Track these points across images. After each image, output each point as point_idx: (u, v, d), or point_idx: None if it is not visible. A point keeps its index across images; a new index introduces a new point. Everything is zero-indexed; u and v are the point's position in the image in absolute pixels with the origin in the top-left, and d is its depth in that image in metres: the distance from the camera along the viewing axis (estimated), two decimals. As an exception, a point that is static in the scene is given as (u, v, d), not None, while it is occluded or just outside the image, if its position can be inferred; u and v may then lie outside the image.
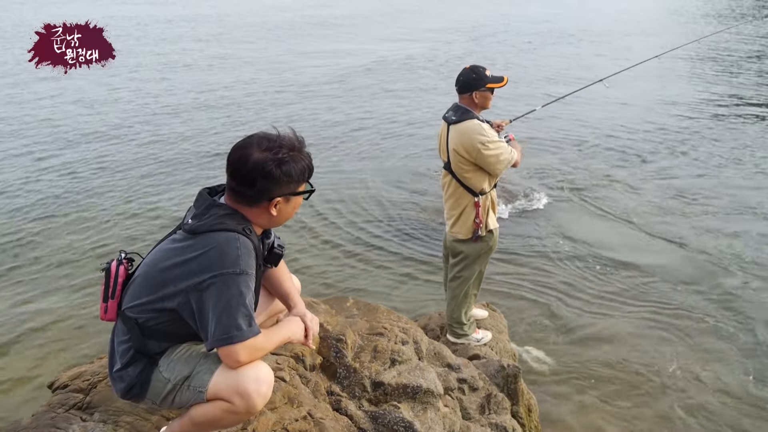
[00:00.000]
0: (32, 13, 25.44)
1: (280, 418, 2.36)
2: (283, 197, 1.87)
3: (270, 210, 1.88)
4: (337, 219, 6.77)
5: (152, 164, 8.41)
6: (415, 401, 2.78)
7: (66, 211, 6.86)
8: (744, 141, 9.43)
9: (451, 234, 3.71)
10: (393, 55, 16.92)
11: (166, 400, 1.89)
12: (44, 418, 2.33)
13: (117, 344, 1.90)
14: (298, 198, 1.92)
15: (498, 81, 3.44)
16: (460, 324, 3.92)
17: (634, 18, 25.07)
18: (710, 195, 7.40)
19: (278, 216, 1.91)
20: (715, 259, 5.90)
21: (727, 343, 4.67)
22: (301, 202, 1.96)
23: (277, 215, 1.90)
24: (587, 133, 9.86)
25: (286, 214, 1.93)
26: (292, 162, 1.84)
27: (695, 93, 12.49)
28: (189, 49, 17.68)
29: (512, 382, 3.38)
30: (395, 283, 5.52)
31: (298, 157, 1.86)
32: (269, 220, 1.91)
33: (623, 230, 6.54)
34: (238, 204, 1.87)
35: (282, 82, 13.58)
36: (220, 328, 1.71)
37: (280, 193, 1.85)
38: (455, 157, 3.46)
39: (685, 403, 4.08)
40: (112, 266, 1.95)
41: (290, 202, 1.91)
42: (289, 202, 1.90)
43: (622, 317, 4.98)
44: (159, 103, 11.67)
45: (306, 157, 1.89)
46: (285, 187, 1.85)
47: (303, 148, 1.90)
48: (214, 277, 1.73)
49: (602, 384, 4.24)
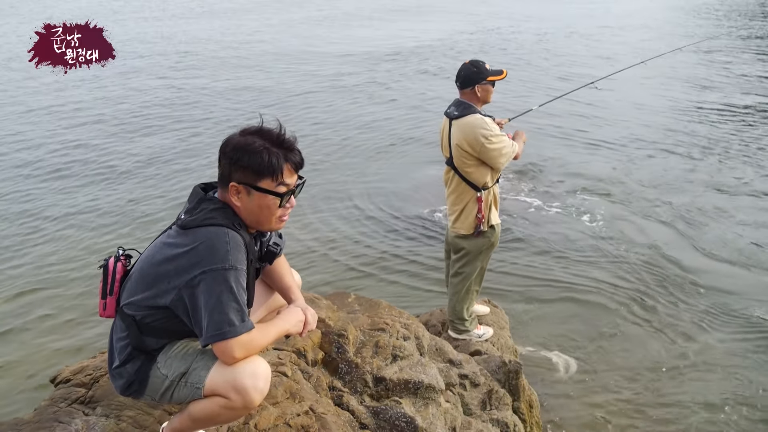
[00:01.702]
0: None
1: (282, 413, 2.37)
2: (241, 185, 1.80)
3: (232, 196, 1.82)
4: (337, 215, 6.77)
5: (151, 160, 8.41)
6: (416, 397, 2.78)
7: (65, 207, 6.89)
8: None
9: (453, 230, 3.71)
10: (391, 48, 16.86)
11: (165, 397, 1.89)
12: (47, 412, 2.35)
13: (116, 341, 1.91)
14: (264, 197, 1.81)
15: (498, 74, 3.44)
16: (461, 320, 3.92)
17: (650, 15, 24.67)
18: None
19: (243, 207, 1.83)
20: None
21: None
22: (272, 203, 1.83)
23: (242, 206, 1.83)
24: (591, 129, 9.82)
25: (250, 209, 1.83)
26: (258, 152, 1.76)
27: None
28: (192, 44, 17.69)
29: (513, 378, 3.38)
30: (396, 279, 5.51)
31: (270, 151, 1.78)
32: (237, 209, 1.85)
33: (628, 227, 6.51)
34: (220, 189, 1.87)
35: (282, 78, 13.57)
36: (212, 325, 1.71)
37: (237, 179, 1.80)
38: (458, 152, 3.46)
39: (684, 398, 4.07)
40: (110, 263, 1.95)
41: (253, 197, 1.82)
42: (251, 196, 1.82)
43: (626, 316, 4.95)
44: (160, 98, 11.70)
45: (276, 156, 1.78)
46: (240, 174, 1.79)
47: (286, 146, 1.82)
48: (204, 273, 1.72)
49: (604, 381, 4.23)
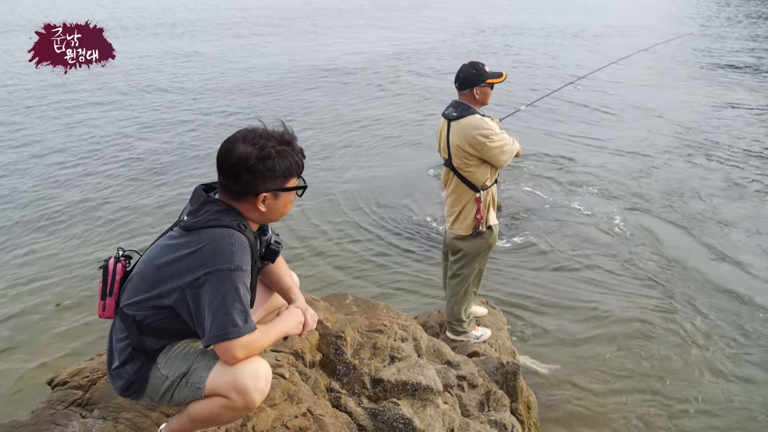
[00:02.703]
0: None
1: (279, 415, 2.37)
2: (270, 192, 1.83)
3: (257, 205, 1.84)
4: (335, 217, 6.76)
5: (150, 161, 8.41)
6: (414, 398, 2.78)
7: (64, 207, 6.86)
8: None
9: (452, 231, 3.71)
10: (396, 49, 16.89)
11: (165, 397, 1.89)
12: (44, 414, 2.34)
13: (115, 342, 1.91)
14: (289, 194, 1.88)
15: (497, 76, 3.43)
16: (459, 321, 3.92)
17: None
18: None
19: (268, 212, 1.87)
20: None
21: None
22: (294, 198, 1.91)
23: (267, 211, 1.86)
24: (588, 129, 9.87)
25: (277, 210, 1.89)
26: (278, 157, 1.80)
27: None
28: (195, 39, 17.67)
29: (511, 379, 3.38)
30: (394, 281, 5.51)
31: (285, 151, 1.82)
32: (260, 215, 1.88)
33: (626, 228, 6.53)
34: (228, 199, 1.85)
35: (280, 74, 13.57)
36: (216, 325, 1.71)
37: (265, 188, 1.82)
38: (459, 152, 3.44)
39: (685, 402, 4.08)
40: (110, 264, 1.95)
41: (279, 198, 1.87)
42: (278, 198, 1.86)
43: (624, 318, 4.96)
44: (158, 97, 11.67)
45: (295, 153, 1.84)
46: (270, 182, 1.81)
47: (293, 143, 1.85)
48: (209, 273, 1.72)
49: (602, 382, 4.23)
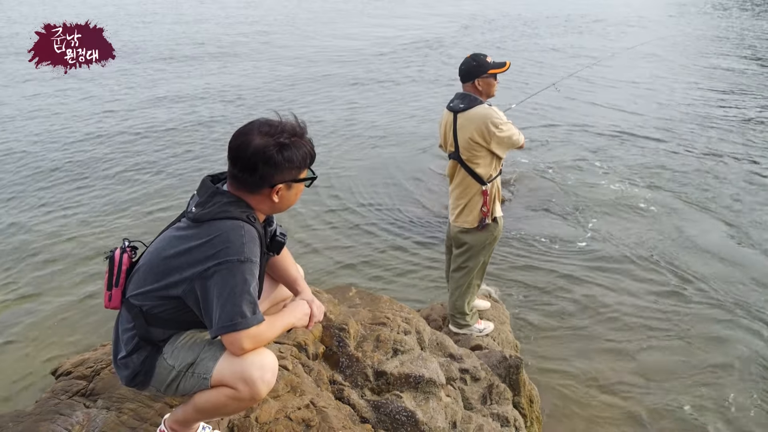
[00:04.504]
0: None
1: (283, 407, 2.37)
2: (285, 184, 1.85)
3: (272, 197, 1.86)
4: (339, 210, 6.76)
5: (155, 152, 8.39)
6: (417, 391, 2.79)
7: (70, 199, 6.86)
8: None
9: (456, 224, 3.68)
10: (397, 41, 16.83)
11: (170, 388, 1.89)
12: (48, 404, 2.35)
13: (121, 332, 1.90)
14: (300, 185, 1.91)
15: (500, 66, 3.38)
16: (462, 314, 3.92)
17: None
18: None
19: (280, 202, 1.89)
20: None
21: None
22: (303, 188, 1.94)
23: (279, 202, 1.88)
24: (588, 122, 9.84)
25: (288, 200, 1.92)
26: (293, 147, 1.82)
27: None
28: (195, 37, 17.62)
29: (514, 372, 3.39)
30: (397, 274, 5.52)
31: (300, 142, 1.85)
32: (271, 206, 1.90)
33: (627, 224, 6.53)
34: (239, 191, 1.85)
35: (286, 72, 13.53)
36: (224, 316, 1.71)
37: (281, 179, 1.84)
38: (468, 144, 3.40)
39: (687, 400, 4.08)
40: (116, 254, 1.94)
41: (292, 189, 1.89)
42: (291, 189, 1.89)
43: (628, 312, 4.96)
44: (160, 92, 11.64)
45: (308, 143, 1.88)
46: (287, 173, 1.84)
47: (305, 134, 1.88)
48: (218, 264, 1.72)
49: (604, 377, 4.24)
